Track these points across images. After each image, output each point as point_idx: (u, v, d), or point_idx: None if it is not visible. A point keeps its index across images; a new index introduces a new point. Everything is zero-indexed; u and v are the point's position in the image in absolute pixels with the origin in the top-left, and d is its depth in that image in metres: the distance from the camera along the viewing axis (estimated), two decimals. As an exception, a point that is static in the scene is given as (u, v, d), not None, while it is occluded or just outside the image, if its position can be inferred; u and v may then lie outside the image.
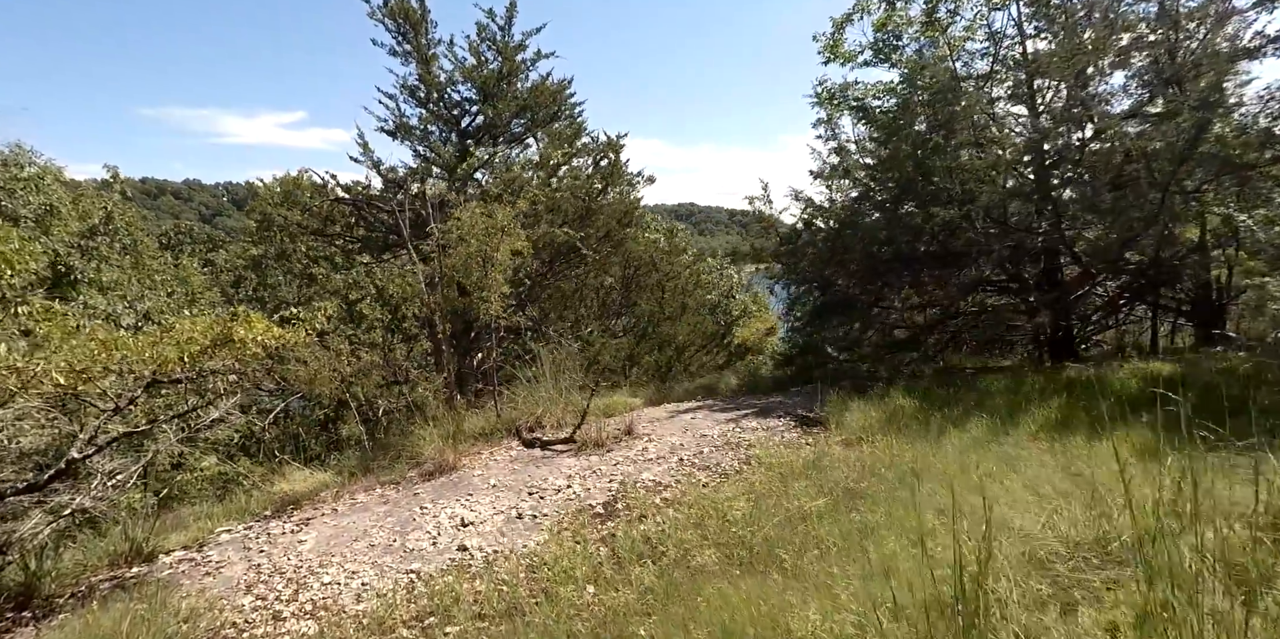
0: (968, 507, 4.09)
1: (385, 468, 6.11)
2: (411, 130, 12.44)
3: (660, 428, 7.06)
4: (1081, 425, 5.71)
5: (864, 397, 7.44)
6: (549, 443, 6.53)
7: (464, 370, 10.16)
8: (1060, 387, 7.17)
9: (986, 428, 5.82)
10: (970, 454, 5.13)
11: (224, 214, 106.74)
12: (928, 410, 6.54)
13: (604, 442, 6.31)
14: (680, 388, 10.77)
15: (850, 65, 11.37)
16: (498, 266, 6.89)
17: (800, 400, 8.20)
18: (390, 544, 4.27)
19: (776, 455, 5.57)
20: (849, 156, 10.89)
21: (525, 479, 5.48)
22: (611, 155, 13.25)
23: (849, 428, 6.27)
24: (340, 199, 12.08)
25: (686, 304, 13.05)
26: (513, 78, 12.38)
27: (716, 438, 6.50)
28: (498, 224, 6.55)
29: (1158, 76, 7.75)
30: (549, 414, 7.36)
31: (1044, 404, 6.37)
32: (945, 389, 7.43)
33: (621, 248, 13.83)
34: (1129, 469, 4.59)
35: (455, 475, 5.74)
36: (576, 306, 13.98)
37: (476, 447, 6.67)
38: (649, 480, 5.24)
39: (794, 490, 4.57)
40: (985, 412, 6.34)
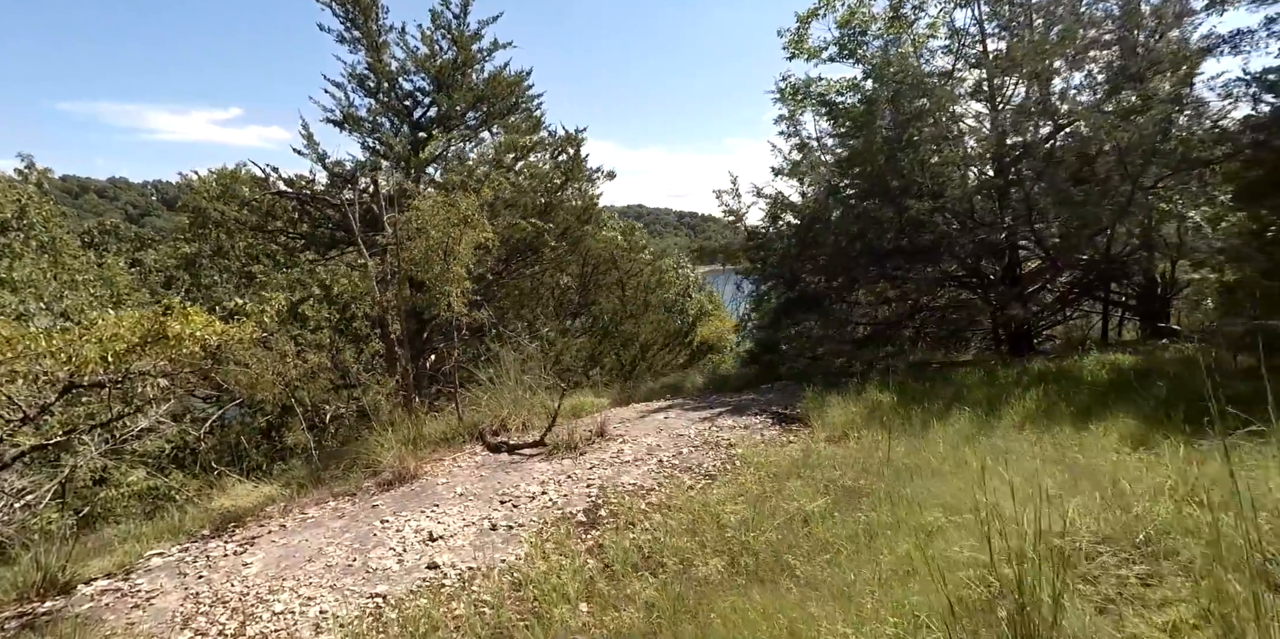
0: (970, 502, 3.90)
1: (338, 478, 5.60)
2: (360, 121, 11.81)
3: (633, 428, 6.73)
4: (1064, 416, 5.63)
5: (839, 392, 7.27)
6: (517, 447, 6.13)
7: (419, 372, 9.63)
8: (1033, 379, 7.14)
9: (970, 421, 5.68)
10: (961, 448, 4.97)
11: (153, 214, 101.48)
12: (907, 405, 6.39)
13: (576, 444, 5.95)
14: (645, 387, 10.47)
15: (814, 61, 11.29)
16: (460, 260, 6.45)
17: (773, 398, 8.00)
18: (350, 564, 3.81)
19: (761, 454, 5.31)
20: (812, 153, 10.80)
21: (495, 486, 5.07)
22: (571, 150, 12.90)
23: (831, 424, 6.07)
24: (283, 193, 11.37)
25: (649, 302, 12.76)
26: (468, 68, 11.90)
27: (694, 437, 6.21)
28: (461, 214, 6.12)
29: (1121, 73, 7.83)
30: (514, 416, 6.95)
31: (1022, 396, 6.29)
32: (920, 384, 7.32)
33: (580, 245, 13.47)
34: (1125, 458, 4.50)
35: (417, 484, 5.29)
36: (534, 306, 13.55)
37: (438, 452, 6.22)
38: (630, 484, 4.90)
39: (789, 490, 4.30)
40: (966, 405, 6.23)
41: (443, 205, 6.07)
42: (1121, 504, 3.56)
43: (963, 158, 8.62)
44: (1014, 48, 8.63)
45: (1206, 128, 8.91)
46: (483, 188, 6.71)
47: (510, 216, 9.04)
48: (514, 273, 12.61)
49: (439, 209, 6.05)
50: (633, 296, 13.05)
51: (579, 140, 12.80)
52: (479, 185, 6.79)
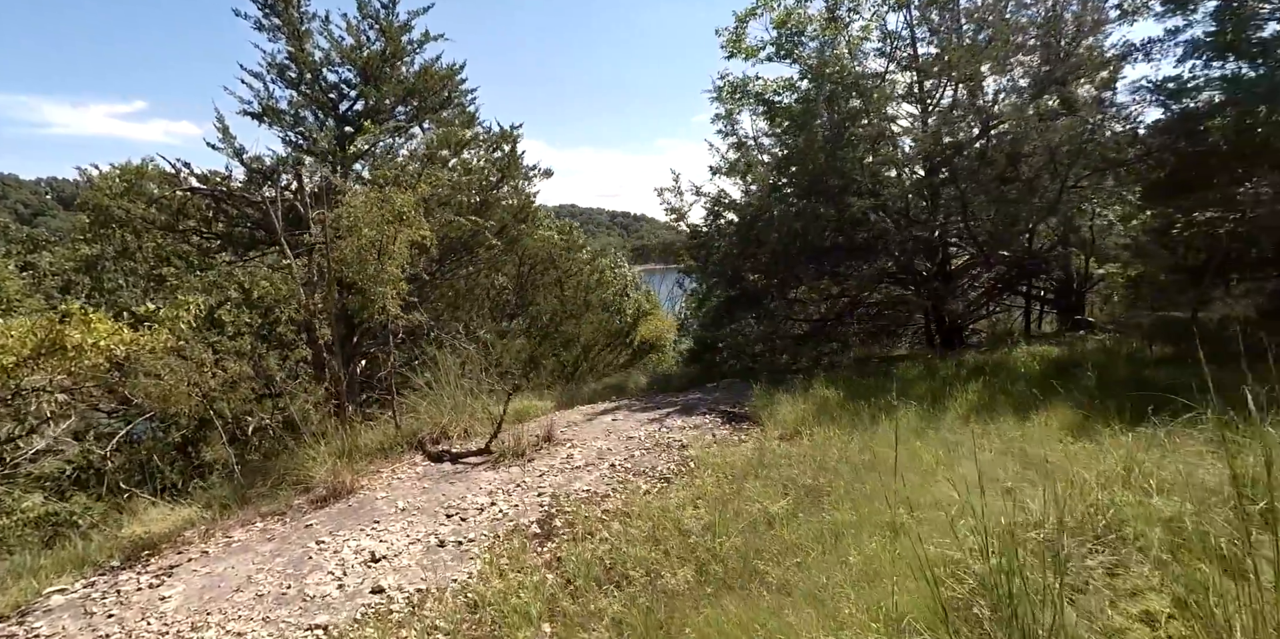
0: (930, 497, 3.90)
1: (266, 496, 5.18)
2: (281, 114, 11.17)
3: (581, 432, 6.54)
4: (1005, 407, 5.77)
5: (786, 390, 7.28)
6: (461, 455, 5.84)
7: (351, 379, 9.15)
8: (970, 372, 7.33)
9: (917, 415, 5.76)
10: (912, 442, 5.00)
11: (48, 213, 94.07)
12: (854, 400, 6.44)
13: (524, 450, 5.71)
14: (588, 388, 10.28)
15: (752, 60, 11.34)
16: (395, 259, 6.11)
17: (720, 396, 7.95)
18: (284, 592, 3.48)
19: (716, 455, 5.22)
20: (749, 152, 10.85)
21: (440, 499, 4.79)
22: (507, 146, 12.56)
23: (782, 422, 6.04)
24: (195, 189, 10.63)
25: (589, 301, 12.56)
26: (397, 60, 11.42)
27: (644, 439, 6.07)
28: (395, 210, 5.78)
29: (1047, 77, 8.14)
30: (455, 423, 6.65)
31: (963, 389, 6.43)
32: (864, 379, 7.41)
33: (517, 244, 13.14)
34: (1070, 447, 4.62)
35: (354, 499, 4.95)
36: (470, 308, 13.13)
37: (376, 464, 5.87)
38: (583, 491, 4.72)
39: (748, 491, 4.21)
40: (911, 399, 6.32)
41: (376, 202, 5.71)
42: (1076, 493, 3.62)
43: (898, 158, 8.80)
44: (947, 51, 8.86)
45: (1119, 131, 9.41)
46: (419, 183, 6.37)
47: (445, 214, 8.65)
48: (448, 273, 12.19)
49: (372, 206, 5.69)
50: (572, 296, 12.82)
51: (515, 137, 12.48)
52: (415, 181, 6.44)
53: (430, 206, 8.01)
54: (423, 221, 5.99)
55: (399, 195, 5.74)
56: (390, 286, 6.06)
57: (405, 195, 5.79)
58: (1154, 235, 11.08)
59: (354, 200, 5.77)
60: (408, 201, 5.78)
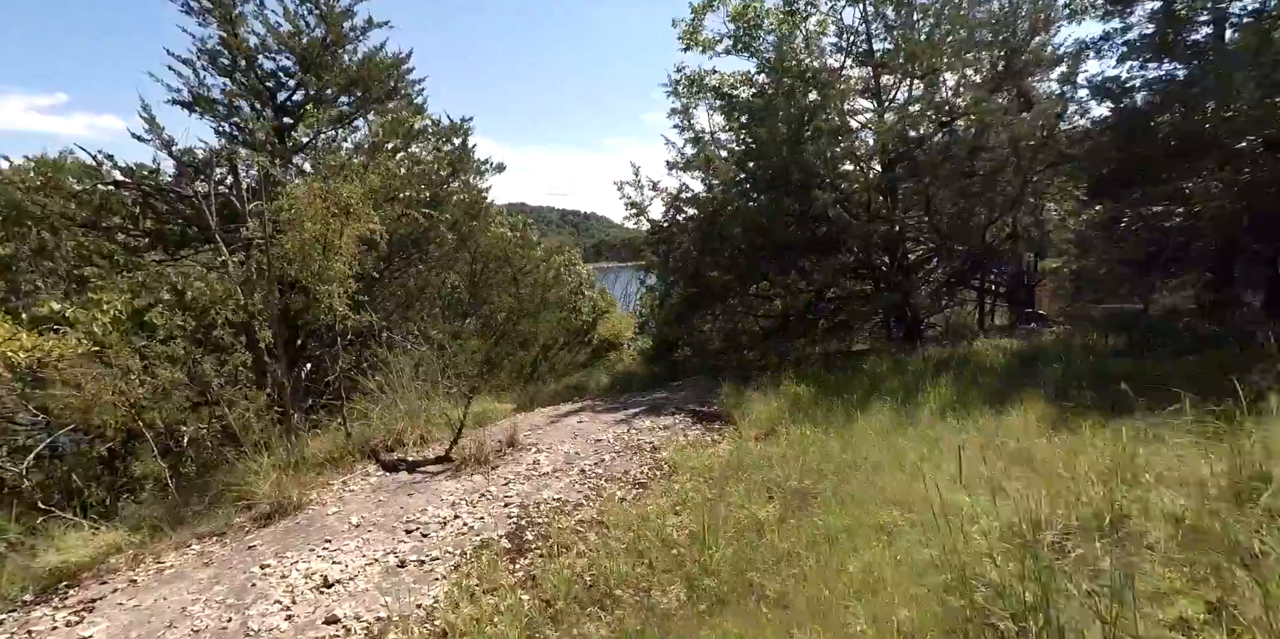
0: (919, 496, 3.76)
1: (203, 515, 4.72)
2: (213, 104, 10.48)
3: (546, 435, 6.24)
4: (979, 401, 5.71)
5: (754, 387, 7.13)
6: (418, 464, 5.47)
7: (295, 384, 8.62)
8: (937, 366, 7.29)
9: (892, 411, 5.65)
10: (892, 438, 4.88)
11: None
12: (826, 397, 6.32)
13: (486, 457, 5.38)
14: (549, 389, 9.96)
15: (709, 53, 11.17)
16: (342, 255, 5.69)
17: (687, 395, 7.74)
18: (224, 626, 3.09)
19: (691, 457, 5.00)
20: (707, 146, 10.69)
21: (398, 512, 4.43)
22: (458, 140, 12.10)
23: (756, 420, 5.85)
24: (120, 183, 9.91)
25: (547, 299, 12.20)
26: (338, 48, 10.84)
27: (613, 442, 5.81)
28: (342, 202, 5.37)
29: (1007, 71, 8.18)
30: (410, 429, 6.26)
31: (934, 384, 6.37)
32: (833, 375, 7.31)
33: (470, 241, 12.70)
34: (1051, 441, 4.55)
35: (303, 516, 4.54)
36: (421, 307, 12.61)
37: (325, 475, 5.45)
38: (554, 499, 4.43)
39: (732, 496, 4.00)
40: (883, 394, 6.23)
41: (320, 193, 5.29)
42: (1069, 490, 3.52)
43: (860, 152, 8.74)
44: (906, 45, 8.83)
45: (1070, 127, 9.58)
46: (368, 174, 5.95)
47: (396, 208, 8.20)
48: (398, 272, 11.67)
49: (316, 197, 5.27)
50: (529, 294, 12.44)
51: (466, 130, 12.04)
52: (363, 172, 6.00)
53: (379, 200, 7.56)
54: (371, 215, 5.59)
55: (345, 186, 5.33)
56: (337, 285, 5.64)
57: (353, 186, 5.38)
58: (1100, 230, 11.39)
59: (296, 192, 5.33)
60: (355, 193, 5.37)
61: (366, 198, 5.51)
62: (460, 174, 11.83)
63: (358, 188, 5.40)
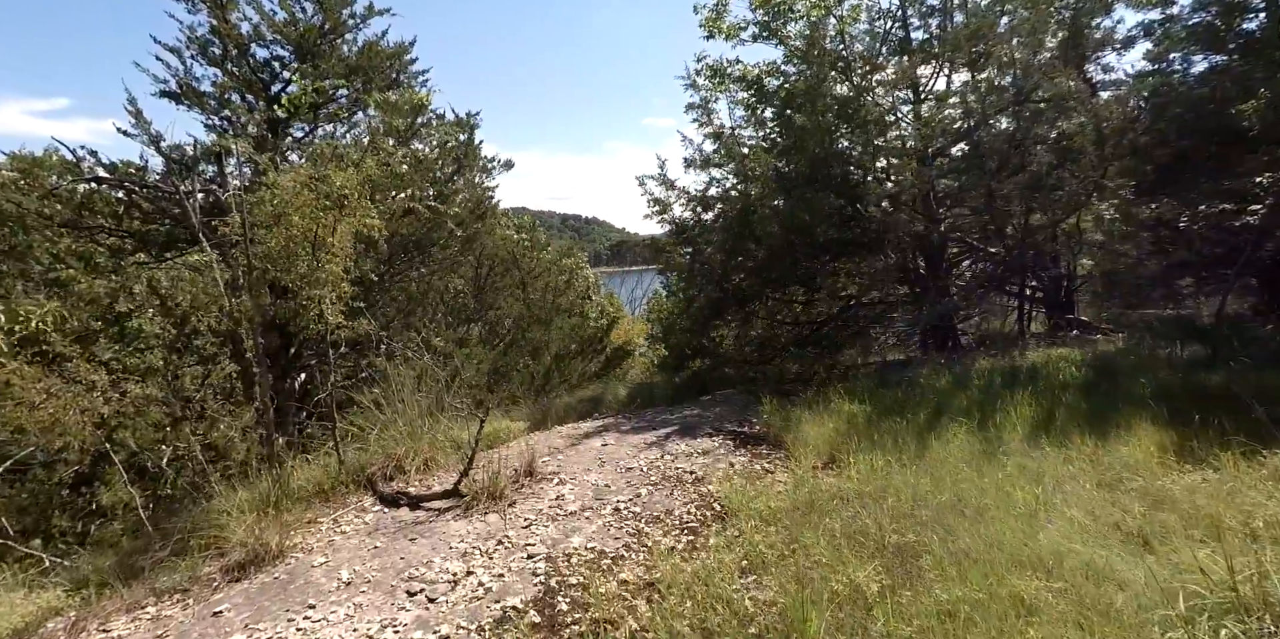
0: (1049, 553, 2.99)
1: (165, 564, 3.95)
2: (203, 96, 9.77)
3: (568, 462, 5.46)
4: (1070, 424, 4.93)
5: (796, 403, 6.35)
6: (422, 498, 4.69)
7: (285, 400, 7.86)
8: (1004, 380, 6.51)
9: (969, 434, 4.88)
10: (985, 471, 4.10)
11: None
12: (886, 417, 5.54)
13: (501, 491, 4.59)
14: (562, 402, 9.17)
15: (733, 41, 10.46)
16: (335, 256, 4.93)
17: (720, 412, 6.95)
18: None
19: (744, 492, 4.21)
20: (730, 142, 9.95)
21: (398, 564, 3.66)
22: (464, 135, 11.37)
23: (812, 445, 5.07)
24: (101, 180, 9.20)
25: (559, 305, 11.44)
26: (336, 36, 10.13)
27: (647, 471, 5.03)
28: (335, 192, 4.61)
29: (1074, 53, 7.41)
30: (412, 454, 5.48)
31: (1009, 402, 5.59)
32: (885, 390, 6.52)
33: (475, 243, 11.96)
34: (1190, 478, 3.76)
35: (283, 568, 3.77)
36: (423, 314, 11.86)
37: (313, 511, 4.67)
38: (587, 549, 3.65)
39: (811, 549, 3.22)
40: (953, 414, 5.45)
41: (309, 182, 4.53)
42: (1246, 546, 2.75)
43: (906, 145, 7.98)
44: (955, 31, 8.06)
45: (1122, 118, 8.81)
46: (365, 159, 5.18)
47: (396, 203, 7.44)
48: (399, 275, 10.93)
49: (303, 187, 4.51)
50: (539, 300, 11.68)
51: (473, 124, 11.30)
52: (360, 157, 5.22)
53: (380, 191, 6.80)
54: (369, 208, 4.83)
55: (339, 174, 4.57)
56: (328, 289, 4.88)
57: (347, 174, 4.62)
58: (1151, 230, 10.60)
59: (280, 179, 4.57)
60: (350, 181, 4.61)
61: (363, 188, 4.74)
62: (465, 171, 11.09)
63: (353, 176, 4.63)
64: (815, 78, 7.83)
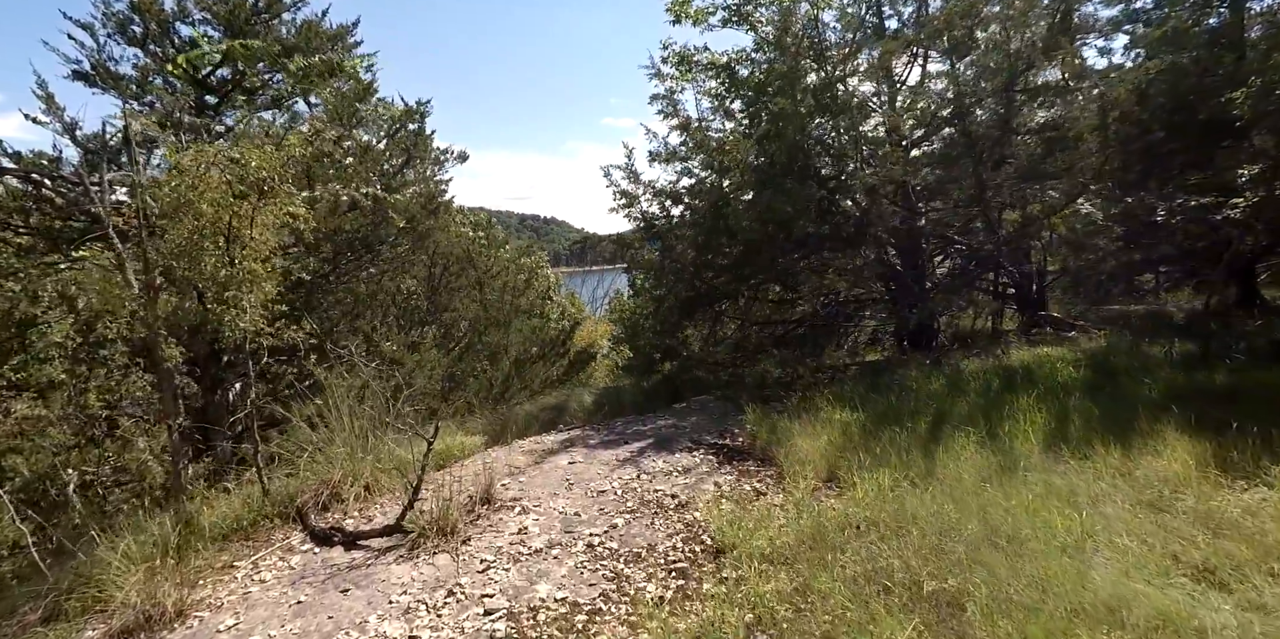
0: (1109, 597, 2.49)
1: (33, 631, 3.19)
2: (121, 79, 8.83)
3: (531, 484, 4.81)
4: (1089, 432, 4.49)
5: (780, 410, 5.83)
6: (360, 536, 4.00)
7: (213, 415, 7.04)
8: (1000, 382, 6.08)
9: (979, 446, 4.40)
10: (1009, 489, 3.61)
11: None
12: (883, 425, 5.04)
13: (453, 525, 3.92)
14: (523, 410, 8.50)
15: (701, 27, 9.91)
16: (254, 251, 4.20)
17: (698, 422, 6.38)
18: None
19: (737, 520, 3.63)
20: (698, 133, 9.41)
21: (324, 627, 2.97)
22: (414, 124, 10.60)
23: (806, 460, 4.52)
24: (5, 171, 8.24)
25: (518, 306, 10.74)
26: (271, 15, 9.27)
27: (622, 494, 4.42)
28: (251, 174, 3.88)
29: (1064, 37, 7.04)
30: (350, 479, 4.78)
31: (1013, 406, 5.15)
32: (875, 395, 6.03)
33: (428, 240, 11.19)
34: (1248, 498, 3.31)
35: (181, 634, 3.05)
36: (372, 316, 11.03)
37: (229, 553, 3.93)
38: (557, 600, 3.03)
39: (829, 596, 2.66)
40: (955, 422, 4.98)
41: (216, 161, 3.80)
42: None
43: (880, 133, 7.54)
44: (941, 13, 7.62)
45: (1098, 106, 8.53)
46: (288, 137, 4.44)
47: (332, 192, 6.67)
48: (346, 275, 10.09)
49: (210, 167, 3.78)
50: (496, 301, 10.96)
51: (423, 112, 10.54)
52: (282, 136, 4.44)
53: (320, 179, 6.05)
54: (293, 193, 4.12)
55: (254, 152, 3.85)
56: (248, 291, 4.15)
57: (263, 152, 3.90)
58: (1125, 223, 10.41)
59: (183, 160, 3.83)
60: (268, 161, 3.89)
61: (286, 171, 4.03)
62: (416, 163, 10.32)
63: (272, 155, 3.91)
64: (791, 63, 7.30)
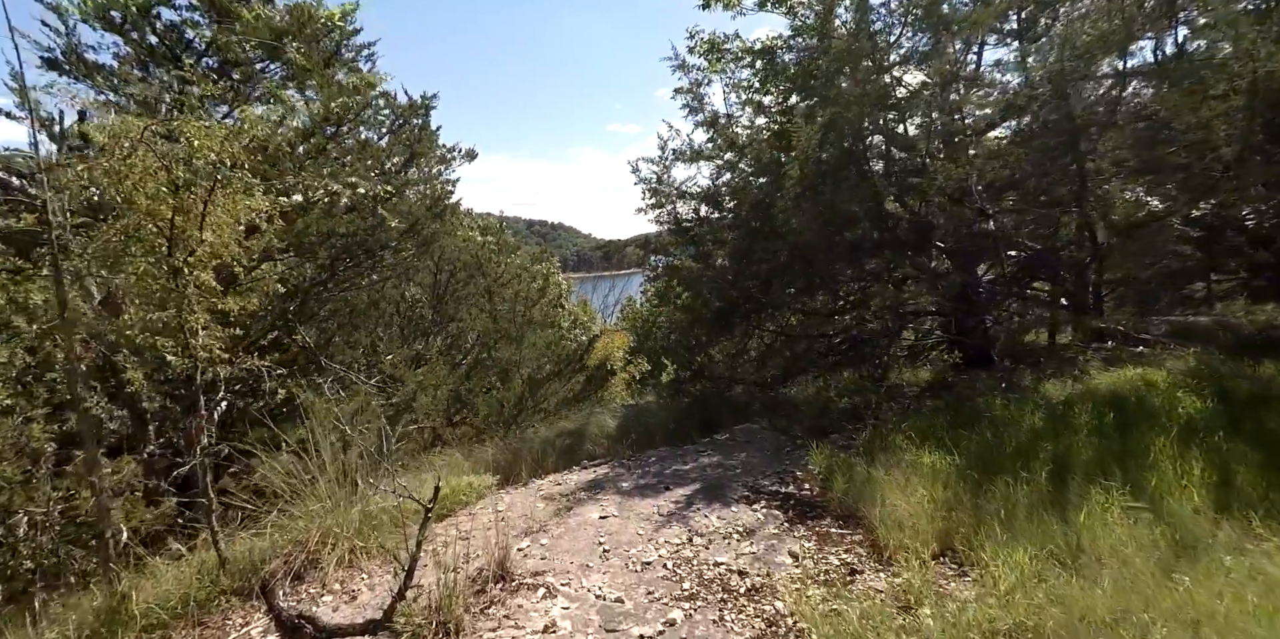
0: None
1: None
2: (97, 68, 8.00)
3: (557, 547, 3.86)
4: (1268, 486, 3.52)
5: (853, 449, 4.88)
6: (336, 632, 3.05)
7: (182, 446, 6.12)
8: (1102, 413, 5.08)
9: (1129, 506, 3.42)
10: (1205, 579, 2.64)
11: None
12: (984, 472, 4.07)
13: (457, 619, 2.98)
14: (538, 437, 7.56)
15: (733, 11, 9.01)
16: (212, 256, 3.28)
17: (750, 459, 5.39)
18: None
19: (844, 624, 2.67)
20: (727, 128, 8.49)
21: None
22: (417, 120, 9.73)
23: (907, 525, 3.54)
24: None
25: (532, 317, 9.81)
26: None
27: (673, 568, 3.46)
28: (196, 156, 2.97)
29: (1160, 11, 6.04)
30: (332, 538, 3.85)
31: (1135, 444, 4.18)
32: (962, 428, 5.04)
33: (434, 245, 10.31)
34: None
35: None
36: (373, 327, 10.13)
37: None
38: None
39: None
40: (1080, 470, 4.01)
41: (147, 138, 2.88)
42: None
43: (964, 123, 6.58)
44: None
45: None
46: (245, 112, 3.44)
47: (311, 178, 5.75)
48: (342, 282, 9.20)
49: (141, 145, 2.87)
50: (507, 311, 10.04)
51: (428, 106, 9.67)
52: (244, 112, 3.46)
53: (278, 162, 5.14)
54: (253, 183, 3.20)
55: (192, 127, 2.93)
56: (189, 310, 3.23)
57: (214, 131, 2.98)
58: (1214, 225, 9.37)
59: (110, 140, 2.91)
60: (215, 143, 2.97)
61: (242, 155, 3.11)
62: (419, 160, 9.44)
63: (222, 137, 3.00)
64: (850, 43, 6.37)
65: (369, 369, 9.24)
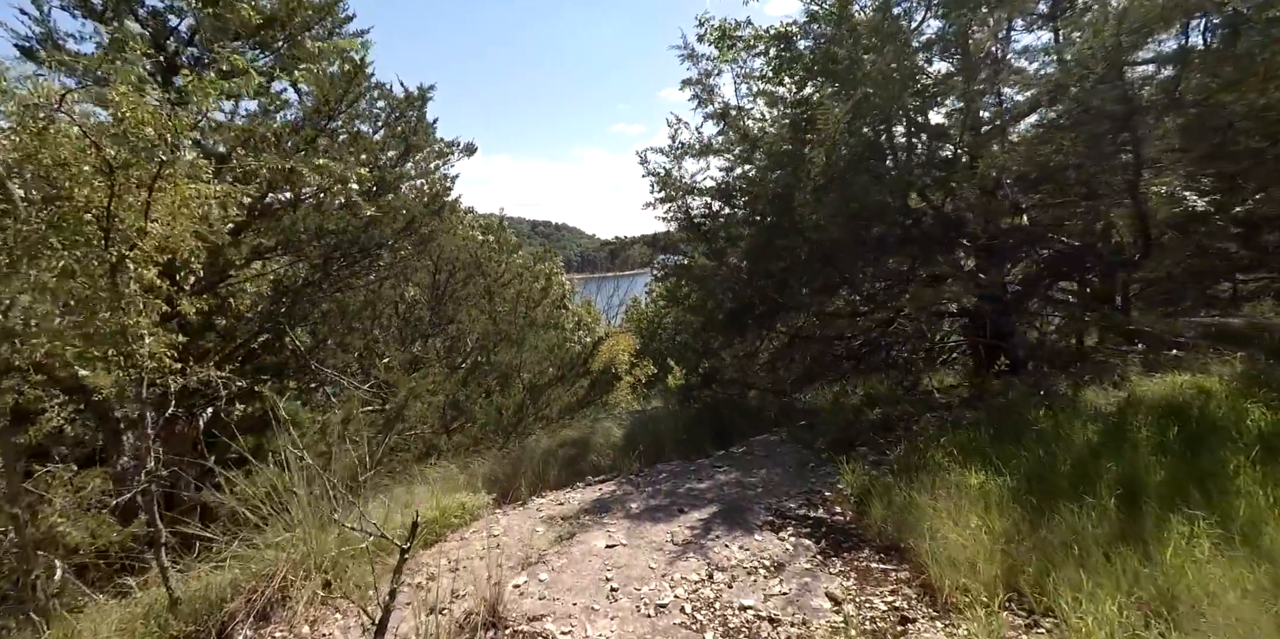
0: None
1: None
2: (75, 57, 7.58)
3: (558, 583, 3.39)
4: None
5: (886, 466, 4.40)
6: (296, 691, 2.60)
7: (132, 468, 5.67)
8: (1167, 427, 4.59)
9: (1220, 540, 2.95)
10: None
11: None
12: (1044, 498, 3.59)
13: (442, 671, 2.52)
14: (539, 447, 7.09)
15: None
16: (158, 250, 2.83)
17: (771, 477, 4.91)
18: None
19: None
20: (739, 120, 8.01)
21: None
22: (414, 113, 9.29)
23: (962, 561, 3.07)
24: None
25: (534, 319, 9.34)
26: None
27: (693, 612, 2.99)
28: (141, 134, 2.52)
29: None
30: (304, 571, 3.39)
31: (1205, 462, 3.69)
32: (1006, 442, 4.55)
33: (431, 243, 9.87)
34: None
35: None
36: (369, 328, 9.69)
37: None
38: None
39: None
40: (1153, 495, 3.52)
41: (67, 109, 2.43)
42: None
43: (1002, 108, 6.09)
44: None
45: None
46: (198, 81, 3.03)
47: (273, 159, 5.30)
48: (336, 281, 8.76)
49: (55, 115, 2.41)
50: (508, 313, 9.57)
51: (424, 98, 9.22)
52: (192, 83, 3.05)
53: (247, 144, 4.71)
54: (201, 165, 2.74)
55: (129, 99, 2.47)
56: (141, 309, 2.78)
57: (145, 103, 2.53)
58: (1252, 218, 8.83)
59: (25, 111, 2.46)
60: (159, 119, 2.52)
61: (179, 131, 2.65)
62: (416, 154, 8.99)
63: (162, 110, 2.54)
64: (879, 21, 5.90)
65: (363, 374, 8.81)
